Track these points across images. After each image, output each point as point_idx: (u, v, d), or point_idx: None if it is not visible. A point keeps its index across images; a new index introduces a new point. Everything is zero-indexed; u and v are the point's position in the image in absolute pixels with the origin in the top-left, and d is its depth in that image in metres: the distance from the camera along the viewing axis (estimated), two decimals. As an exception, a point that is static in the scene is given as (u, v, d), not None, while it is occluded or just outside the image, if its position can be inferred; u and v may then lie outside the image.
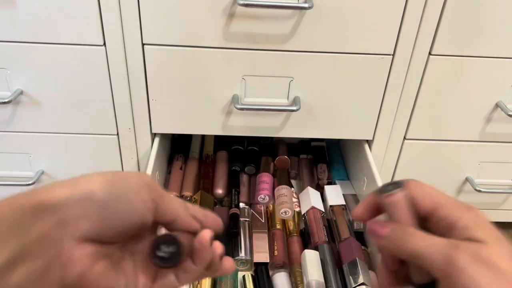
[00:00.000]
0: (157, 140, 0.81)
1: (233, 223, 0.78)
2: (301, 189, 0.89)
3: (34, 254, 0.24)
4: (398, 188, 0.30)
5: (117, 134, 0.79)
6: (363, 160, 0.82)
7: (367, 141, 0.84)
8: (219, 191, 0.86)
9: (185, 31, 0.68)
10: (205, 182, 0.89)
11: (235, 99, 0.74)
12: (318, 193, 0.85)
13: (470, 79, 0.75)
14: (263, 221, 0.80)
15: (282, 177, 0.90)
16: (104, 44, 0.69)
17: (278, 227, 0.79)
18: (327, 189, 0.86)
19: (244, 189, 0.88)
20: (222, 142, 0.98)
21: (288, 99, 0.76)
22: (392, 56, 0.72)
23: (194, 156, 0.95)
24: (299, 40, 0.69)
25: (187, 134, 0.98)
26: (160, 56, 0.70)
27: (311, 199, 0.82)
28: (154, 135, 0.82)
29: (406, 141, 0.83)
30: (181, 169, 0.91)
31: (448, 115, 0.79)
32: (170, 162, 0.93)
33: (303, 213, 0.81)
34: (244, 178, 0.90)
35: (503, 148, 0.84)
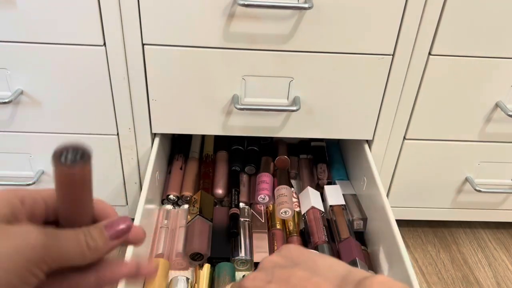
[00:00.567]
0: (157, 140, 0.82)
1: (233, 223, 0.78)
2: (301, 189, 0.89)
3: None
4: (80, 159, 0.23)
5: (117, 134, 0.79)
6: (363, 160, 0.82)
7: (367, 141, 0.84)
8: (219, 191, 0.86)
9: (185, 31, 0.68)
10: (205, 182, 0.89)
11: (235, 99, 0.74)
12: (318, 193, 0.85)
13: (470, 79, 0.75)
14: (263, 221, 0.80)
15: (282, 177, 0.90)
16: (104, 44, 0.69)
17: (278, 227, 0.79)
18: (327, 189, 0.86)
19: (244, 189, 0.88)
20: (222, 142, 0.98)
21: (288, 99, 0.76)
22: (392, 56, 0.72)
23: (194, 156, 0.95)
24: (299, 40, 0.69)
25: (187, 134, 0.98)
26: (160, 56, 0.70)
27: (311, 199, 0.82)
28: (154, 135, 0.82)
29: (406, 141, 0.83)
30: (181, 169, 0.91)
31: (448, 115, 0.79)
32: (170, 162, 0.93)
33: (303, 213, 0.81)
34: (244, 178, 0.90)
35: (503, 148, 0.84)
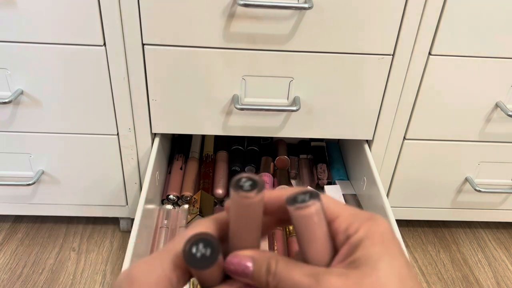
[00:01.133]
0: (157, 140, 0.81)
1: (233, 223, 0.78)
2: (301, 189, 0.89)
3: None
4: (313, 199, 0.24)
5: (117, 134, 0.79)
6: (363, 160, 0.82)
7: (367, 141, 0.84)
8: (219, 191, 0.86)
9: (185, 31, 0.68)
10: (205, 182, 0.89)
11: (235, 99, 0.74)
12: (318, 193, 0.85)
13: (470, 79, 0.75)
14: (263, 221, 0.80)
15: (282, 177, 0.89)
16: (104, 44, 0.69)
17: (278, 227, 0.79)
18: (327, 189, 0.86)
19: (244, 189, 0.88)
20: (222, 142, 0.98)
21: (288, 99, 0.76)
22: (392, 56, 0.72)
23: (194, 156, 0.95)
24: (299, 40, 0.69)
25: (187, 134, 0.98)
26: (160, 56, 0.70)
27: (311, 199, 0.82)
28: (154, 135, 0.82)
29: (406, 141, 0.83)
30: (181, 169, 0.91)
31: (448, 115, 0.79)
32: (170, 162, 0.93)
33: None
34: (244, 178, 0.90)
35: (503, 148, 0.84)
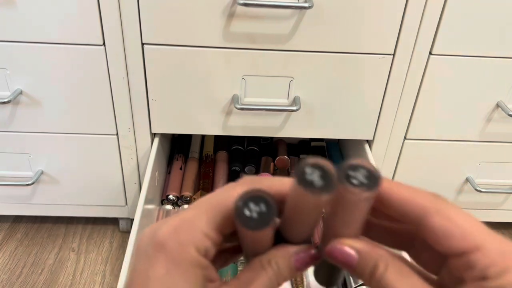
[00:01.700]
0: (156, 140, 0.81)
1: (233, 223, 0.78)
2: (301, 189, 0.89)
3: None
4: (374, 186, 0.21)
5: (117, 134, 0.79)
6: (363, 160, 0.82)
7: (367, 141, 0.84)
8: (219, 191, 0.86)
9: (185, 30, 0.68)
10: (205, 182, 0.88)
11: (235, 99, 0.73)
12: (318, 193, 0.85)
13: (471, 79, 0.75)
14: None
15: (282, 177, 0.89)
16: (104, 44, 0.69)
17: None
18: (327, 189, 0.86)
19: (244, 189, 0.87)
20: (222, 142, 0.98)
21: (288, 99, 0.75)
22: (392, 55, 0.72)
23: (194, 156, 0.94)
24: (299, 39, 0.69)
25: (186, 134, 0.98)
26: (160, 56, 0.70)
27: (311, 199, 0.82)
28: (153, 135, 0.82)
29: (406, 141, 0.83)
30: (181, 169, 0.90)
31: (449, 115, 0.79)
32: (170, 162, 0.93)
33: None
34: (244, 178, 0.90)
35: (504, 148, 0.84)
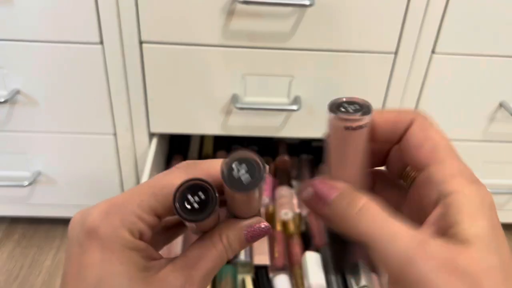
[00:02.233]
0: (155, 140, 0.81)
1: (233, 224, 0.77)
2: (301, 189, 0.88)
3: None
4: (365, 114, 0.21)
5: (115, 134, 0.78)
6: (364, 160, 0.82)
7: (368, 141, 0.83)
8: (219, 192, 0.85)
9: (184, 28, 0.67)
10: (204, 182, 0.88)
11: (234, 99, 0.73)
12: (319, 194, 0.84)
13: (474, 78, 0.74)
14: (263, 222, 0.79)
15: (283, 178, 0.89)
16: (102, 42, 0.68)
17: (279, 228, 0.78)
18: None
19: (244, 190, 0.87)
20: (222, 142, 0.97)
21: (288, 98, 0.75)
22: (394, 54, 0.71)
23: (193, 157, 0.94)
24: (300, 38, 0.68)
25: (186, 134, 0.97)
26: (159, 54, 0.69)
27: (312, 200, 0.81)
28: (152, 135, 0.81)
29: (408, 141, 0.82)
30: (180, 169, 0.90)
31: (451, 114, 0.78)
32: (168, 163, 0.92)
33: (304, 215, 0.80)
34: (244, 179, 0.89)
35: (507, 148, 0.83)
